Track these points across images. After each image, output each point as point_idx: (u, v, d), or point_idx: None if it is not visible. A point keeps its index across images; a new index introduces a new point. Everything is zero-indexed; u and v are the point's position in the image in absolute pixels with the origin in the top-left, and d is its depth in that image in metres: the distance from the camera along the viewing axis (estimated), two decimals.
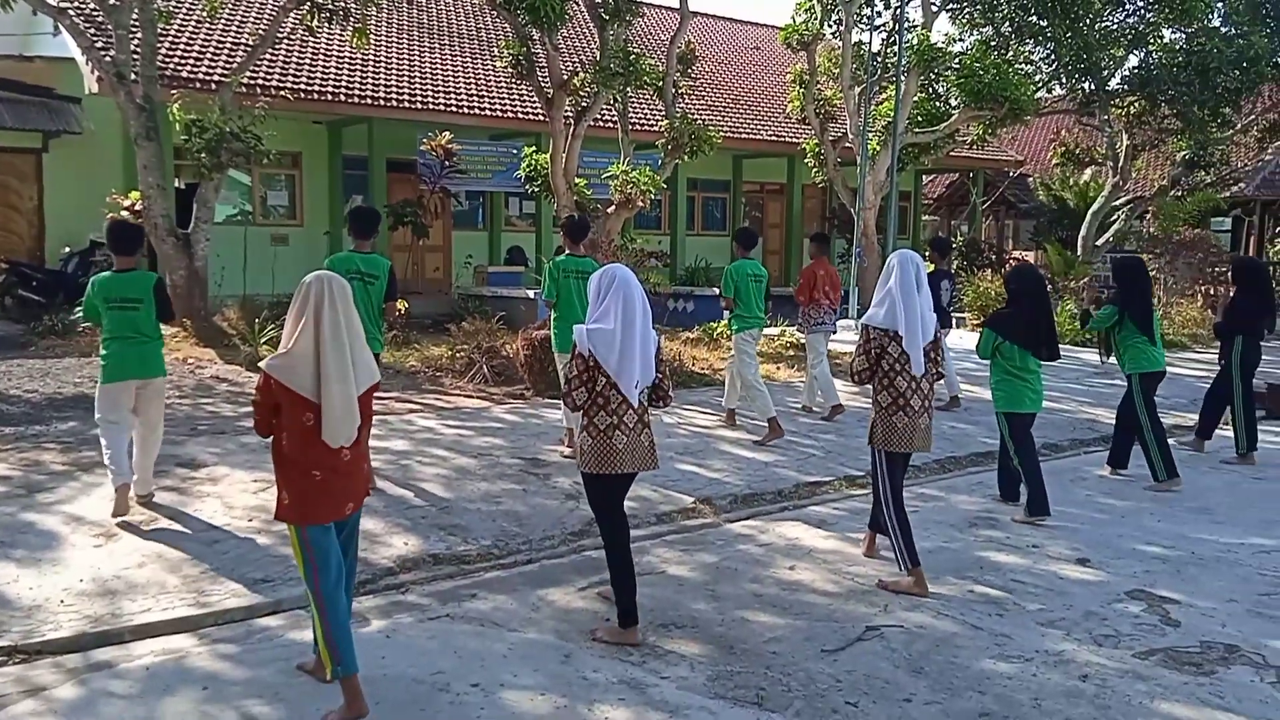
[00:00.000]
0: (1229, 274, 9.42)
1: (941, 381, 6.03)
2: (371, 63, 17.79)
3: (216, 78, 14.78)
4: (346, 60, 17.39)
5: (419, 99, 17.40)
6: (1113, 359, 8.03)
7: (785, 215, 24.41)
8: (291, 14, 13.61)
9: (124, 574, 5.10)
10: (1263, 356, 8.76)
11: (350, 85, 16.82)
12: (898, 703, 3.98)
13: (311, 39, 15.74)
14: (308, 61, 16.96)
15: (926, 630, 4.70)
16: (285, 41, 15.71)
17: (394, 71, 17.98)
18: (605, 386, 4.40)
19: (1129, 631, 4.71)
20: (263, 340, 11.42)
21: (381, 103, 16.82)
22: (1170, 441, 7.84)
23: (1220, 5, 20.80)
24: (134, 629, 4.52)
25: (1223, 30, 19.59)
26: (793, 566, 5.61)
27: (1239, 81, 18.95)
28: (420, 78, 18.17)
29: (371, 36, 15.41)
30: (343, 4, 13.45)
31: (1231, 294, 8.89)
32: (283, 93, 14.56)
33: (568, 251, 8.24)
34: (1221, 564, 5.75)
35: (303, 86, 16.02)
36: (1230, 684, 4.18)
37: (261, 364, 3.79)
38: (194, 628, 4.58)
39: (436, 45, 19.82)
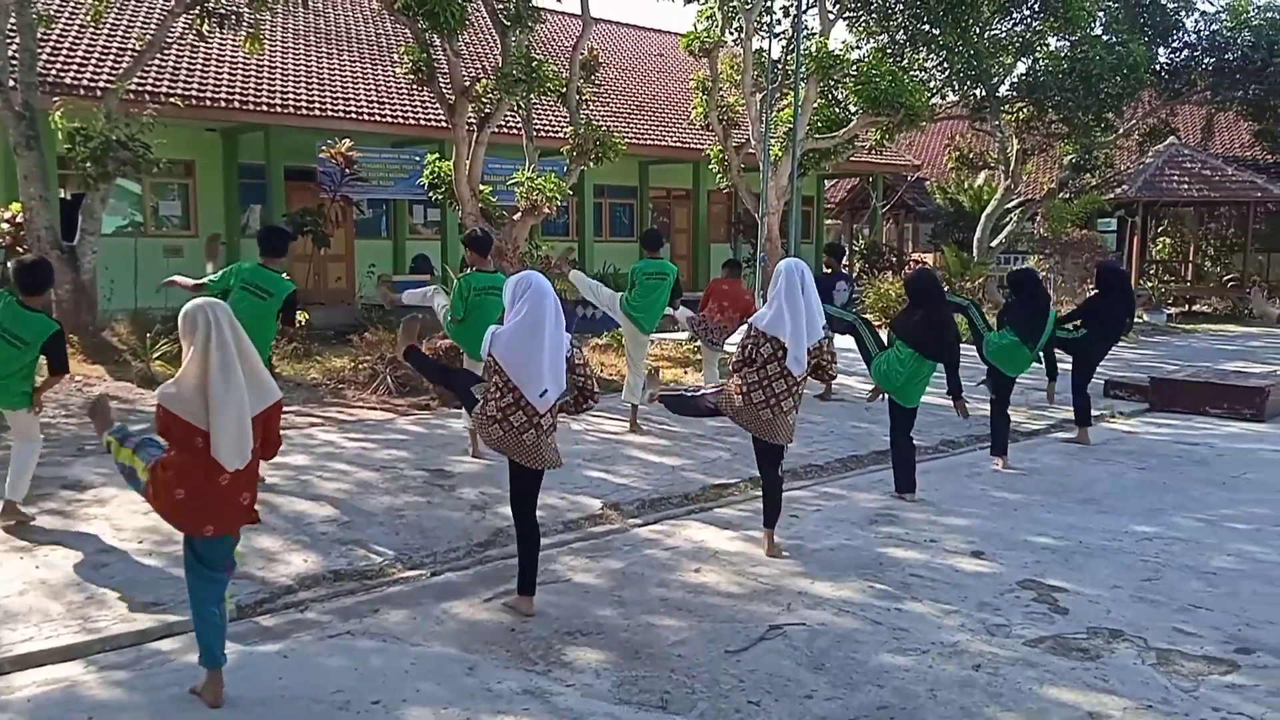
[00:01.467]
0: (1094, 277, 9.99)
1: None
2: (267, 68, 17.38)
3: (102, 84, 14.25)
4: (240, 66, 16.95)
5: (317, 105, 17.06)
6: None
7: (692, 220, 24.62)
8: (181, 18, 13.21)
9: (3, 603, 4.87)
10: (1140, 351, 9.22)
11: (245, 91, 16.40)
12: (799, 700, 4.04)
13: (203, 44, 15.29)
14: (199, 67, 16.48)
15: (827, 627, 4.79)
16: (175, 46, 15.24)
17: (290, 77, 17.59)
18: (517, 390, 4.59)
19: (1020, 620, 4.88)
20: (155, 355, 11.04)
21: (278, 109, 16.43)
22: (1056, 436, 8.21)
23: (1101, 15, 21.74)
24: (14, 659, 4.32)
25: (1104, 39, 20.45)
26: (698, 569, 5.65)
27: (1120, 87, 19.80)
28: (318, 84, 17.81)
29: (266, 42, 15.04)
30: (235, 8, 13.12)
31: (1092, 294, 9.47)
32: (173, 99, 14.11)
33: (475, 267, 8.18)
34: (1107, 552, 5.99)
35: (194, 93, 15.55)
36: (1114, 667, 4.35)
37: (154, 394, 3.85)
38: (80, 655, 4.40)
39: (335, 51, 19.46)
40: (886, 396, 7.25)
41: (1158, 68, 23.99)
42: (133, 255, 14.34)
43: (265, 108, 16.31)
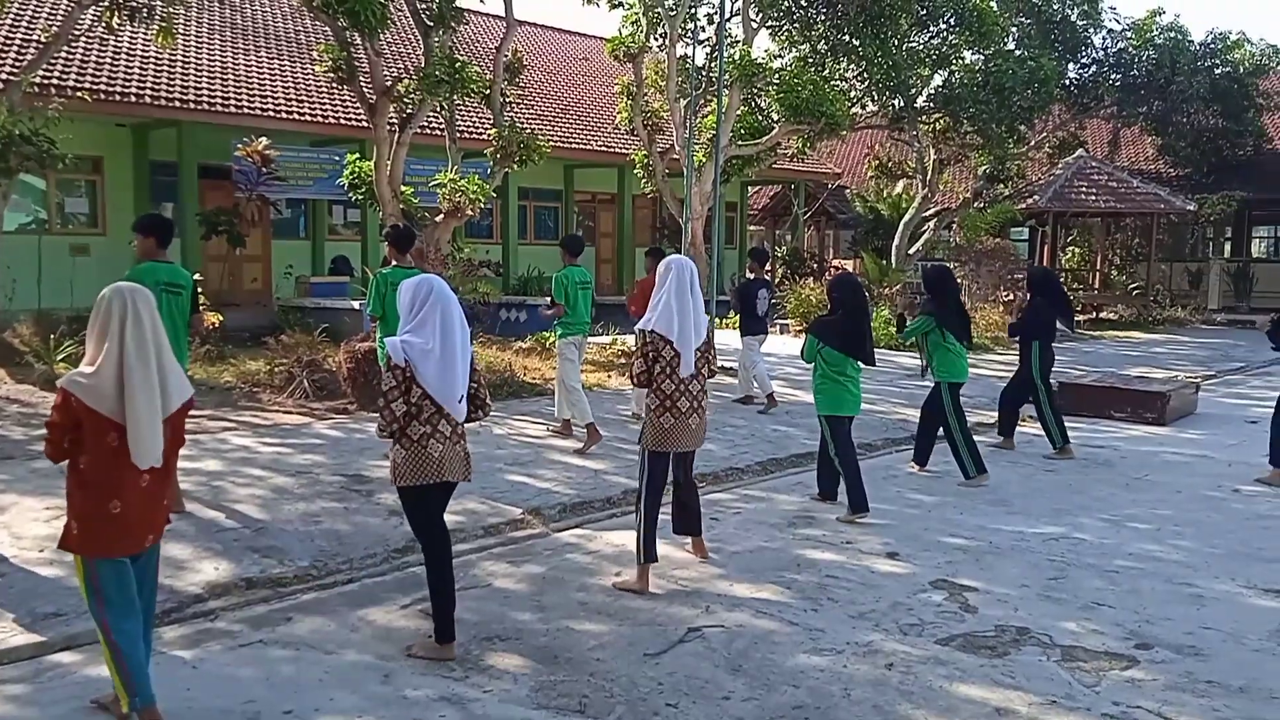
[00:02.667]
0: (1025, 283, 10.09)
1: (712, 380, 6.26)
2: (181, 64, 16.91)
3: (4, 76, 13.73)
4: (153, 60, 16.47)
5: (232, 102, 16.67)
6: (925, 365, 8.46)
7: (617, 225, 24.66)
8: (89, 10, 12.79)
9: None
10: (1056, 358, 9.48)
11: (157, 86, 15.94)
12: (716, 701, 4.07)
13: (113, 38, 14.83)
14: (108, 60, 15.97)
15: (745, 629, 4.83)
16: (84, 39, 14.74)
17: (205, 73, 17.15)
18: (420, 397, 4.31)
19: (932, 620, 4.99)
20: (59, 357, 10.67)
21: (191, 105, 16.00)
22: (979, 439, 8.36)
23: (1014, 30, 22.36)
24: None
25: (1016, 53, 21.02)
26: (619, 572, 5.65)
27: (1031, 101, 20.39)
28: (234, 80, 17.40)
29: (180, 37, 14.67)
30: (147, 2, 12.74)
31: (1028, 301, 9.55)
32: (80, 93, 13.65)
33: (394, 263, 8.09)
34: (1015, 552, 6.16)
35: (103, 87, 15.06)
36: (1021, 664, 4.48)
37: (60, 381, 3.56)
38: None
39: (252, 47, 19.03)
40: (822, 416, 7.02)
41: (1067, 83, 24.81)
42: (37, 254, 13.84)
43: (178, 104, 15.88)
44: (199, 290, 6.83)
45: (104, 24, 12.68)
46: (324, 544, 5.93)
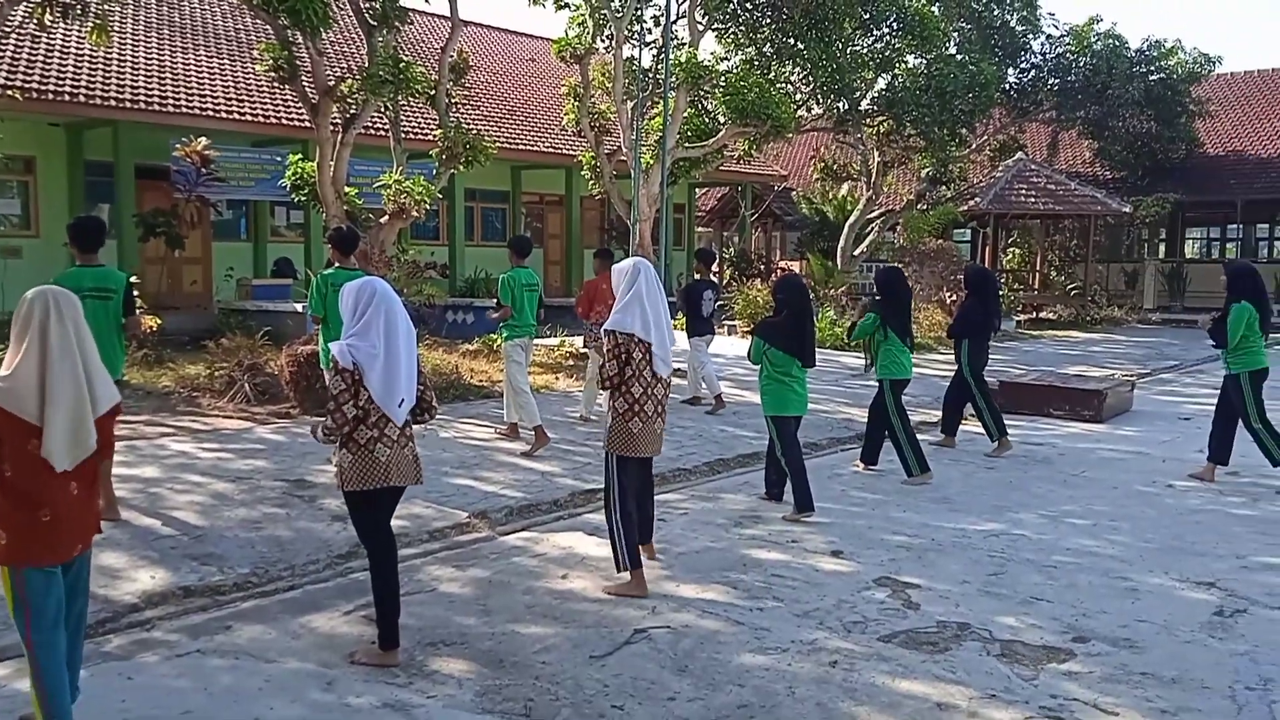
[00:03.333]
0: (963, 282, 10.26)
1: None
2: (116, 62, 16.56)
3: None
4: (87, 58, 16.11)
5: (170, 101, 16.36)
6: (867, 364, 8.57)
7: (565, 226, 24.62)
8: (20, 6, 12.46)
9: None
10: (991, 356, 9.63)
11: (91, 85, 15.59)
12: (662, 702, 4.08)
13: (46, 35, 14.47)
14: (41, 58, 15.59)
15: (691, 629, 4.85)
16: (15, 36, 14.37)
17: (142, 72, 16.81)
18: (367, 400, 4.27)
19: (875, 617, 5.04)
20: None
21: (128, 104, 15.68)
22: (921, 438, 8.47)
23: (955, 35, 22.75)
24: None
25: (958, 58, 21.40)
26: (565, 575, 5.64)
27: (972, 104, 20.78)
28: (173, 79, 17.07)
29: (116, 34, 14.36)
30: None
31: (963, 300, 9.68)
32: (10, 92, 13.30)
33: (337, 264, 8.00)
34: (957, 549, 6.25)
35: (35, 85, 14.70)
36: (961, 659, 4.55)
37: None
38: None
39: (191, 45, 18.69)
40: (769, 416, 7.06)
41: (1007, 87, 25.28)
42: None
43: (114, 102, 15.54)
44: (134, 293, 6.67)
45: (35, 21, 12.36)
46: (265, 550, 5.84)
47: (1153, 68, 26.69)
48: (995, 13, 23.95)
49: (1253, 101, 31.43)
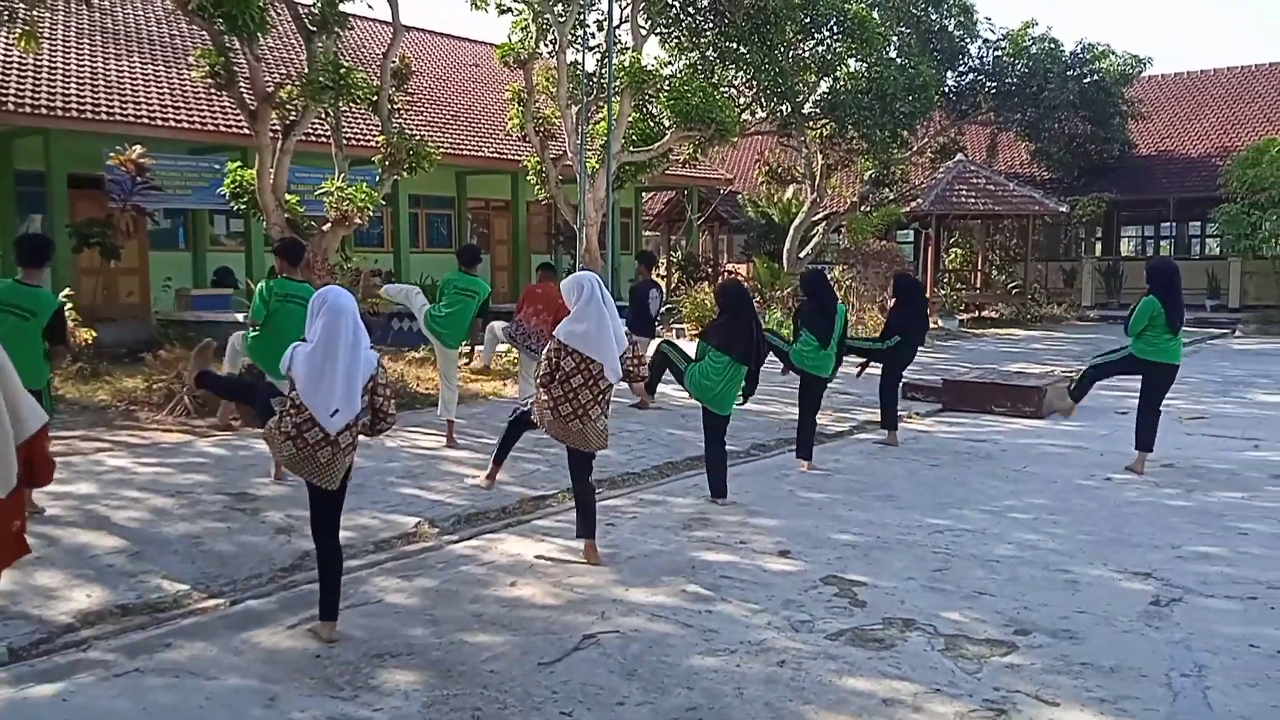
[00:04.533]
0: (892, 289, 10.54)
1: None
2: (47, 69, 16.15)
3: None
4: (16, 65, 15.69)
5: (104, 109, 15.98)
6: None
7: (512, 232, 24.51)
8: None
9: None
10: (934, 355, 9.80)
11: (21, 92, 15.18)
12: (611, 707, 4.07)
13: None
14: None
15: (640, 633, 4.84)
16: None
17: (74, 78, 16.41)
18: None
19: (822, 615, 5.08)
20: None
21: (59, 113, 15.29)
22: (866, 437, 8.60)
23: (895, 39, 23.04)
24: None
25: (898, 61, 21.67)
26: (514, 582, 5.61)
27: (913, 107, 21.04)
28: (105, 86, 16.70)
29: (45, 41, 14.01)
30: (7, 4, 12.13)
31: (892, 307, 9.94)
32: None
33: (283, 275, 7.90)
34: (902, 545, 6.32)
35: None
36: (907, 655, 4.60)
37: None
38: None
39: (124, 52, 18.30)
40: (702, 406, 7.40)
41: (946, 90, 25.70)
42: None
43: (44, 110, 15.15)
44: (66, 321, 6.58)
45: None
46: (206, 566, 5.73)
47: (1086, 70, 27.29)
48: (933, 17, 24.31)
49: (1182, 102, 32.29)
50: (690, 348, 8.32)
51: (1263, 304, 24.51)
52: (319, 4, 12.12)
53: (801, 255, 22.84)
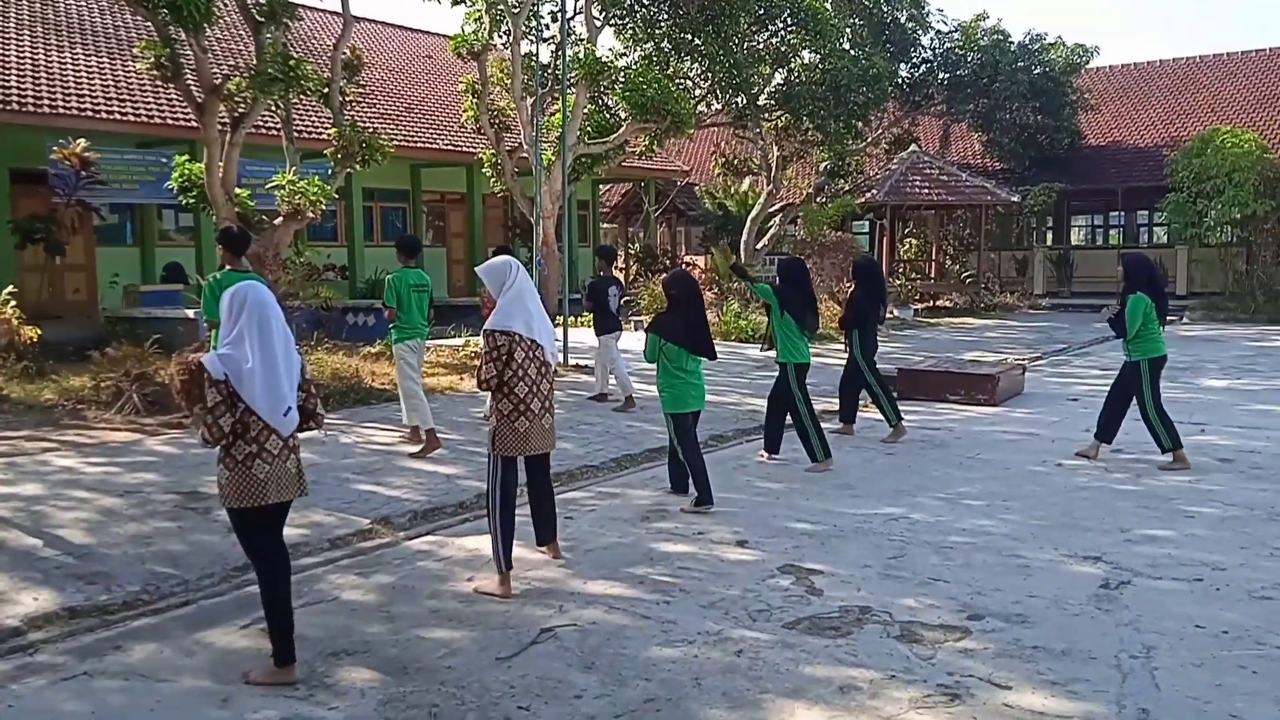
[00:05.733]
0: (851, 273, 10.52)
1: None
2: None
3: None
4: None
5: (46, 102, 15.64)
6: (772, 351, 8.71)
7: (468, 224, 24.35)
8: None
9: None
10: (890, 344, 9.87)
11: None
12: (568, 700, 4.06)
13: None
14: None
15: (598, 625, 4.84)
16: None
17: (15, 71, 16.03)
18: (244, 412, 4.06)
19: (779, 604, 5.11)
20: None
21: (0, 105, 14.92)
22: (824, 426, 8.62)
23: (848, 30, 23.19)
24: None
25: (851, 53, 21.82)
26: (471, 578, 5.58)
27: (867, 98, 21.21)
28: (47, 79, 16.33)
29: None
30: None
31: (851, 291, 9.91)
32: None
33: (229, 266, 7.77)
34: (859, 534, 6.38)
35: None
36: (863, 642, 4.64)
37: None
38: None
39: (67, 44, 17.89)
40: (667, 413, 7.14)
41: (900, 81, 25.92)
42: None
43: None
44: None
45: None
46: (156, 566, 5.64)
47: (1035, 61, 27.66)
48: (886, 9, 24.50)
49: (1130, 93, 32.84)
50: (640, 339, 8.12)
51: (1209, 291, 25.04)
52: None
53: (759, 246, 22.93)
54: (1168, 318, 8.31)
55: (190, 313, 13.91)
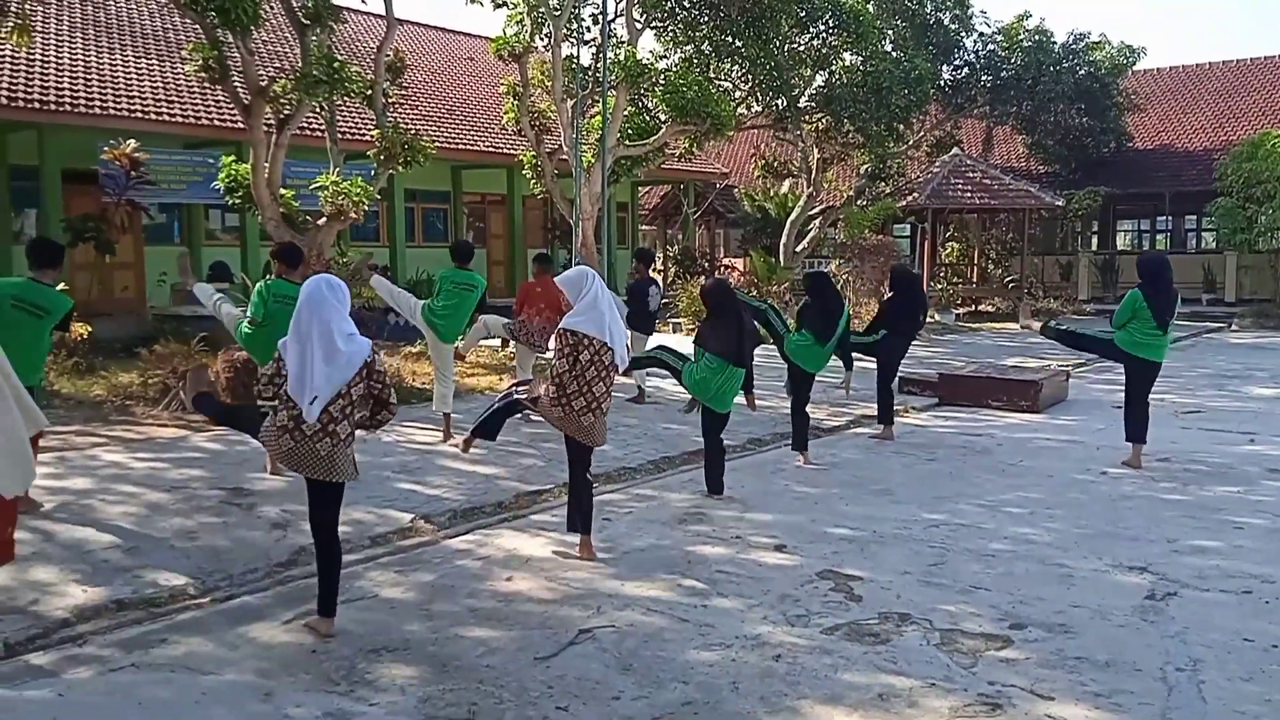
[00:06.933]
0: (889, 280, 10.52)
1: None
2: (40, 63, 16.10)
3: None
4: (9, 60, 15.63)
5: (97, 103, 15.95)
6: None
7: (508, 226, 24.47)
8: None
9: None
10: (930, 349, 9.80)
11: (14, 87, 15.12)
12: (606, 701, 4.07)
13: None
14: None
15: (636, 627, 4.85)
16: None
17: (68, 73, 16.36)
18: (285, 386, 4.61)
19: (818, 610, 5.09)
20: None
21: (53, 107, 15.24)
22: (862, 431, 8.62)
23: (890, 33, 23.02)
24: None
25: (893, 55, 21.65)
26: (510, 577, 5.61)
27: (908, 100, 21.00)
28: (99, 80, 16.64)
29: (39, 35, 13.96)
30: None
31: (889, 297, 9.91)
32: None
33: (282, 276, 7.91)
34: (899, 540, 6.33)
35: None
36: (902, 649, 4.60)
37: None
38: None
39: (118, 46, 18.24)
40: (701, 405, 7.46)
41: (942, 83, 25.64)
42: None
43: (38, 105, 15.11)
44: (72, 314, 6.85)
45: None
46: (202, 561, 5.72)
47: (1079, 61, 27.25)
48: (928, 10, 24.27)
49: (1179, 96, 32.29)
50: (687, 342, 8.36)
51: (1258, 298, 24.54)
52: None
53: (798, 249, 22.82)
54: (1170, 321, 8.27)
55: (237, 311, 14.09)
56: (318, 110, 13.26)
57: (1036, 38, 26.56)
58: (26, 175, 15.80)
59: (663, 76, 17.95)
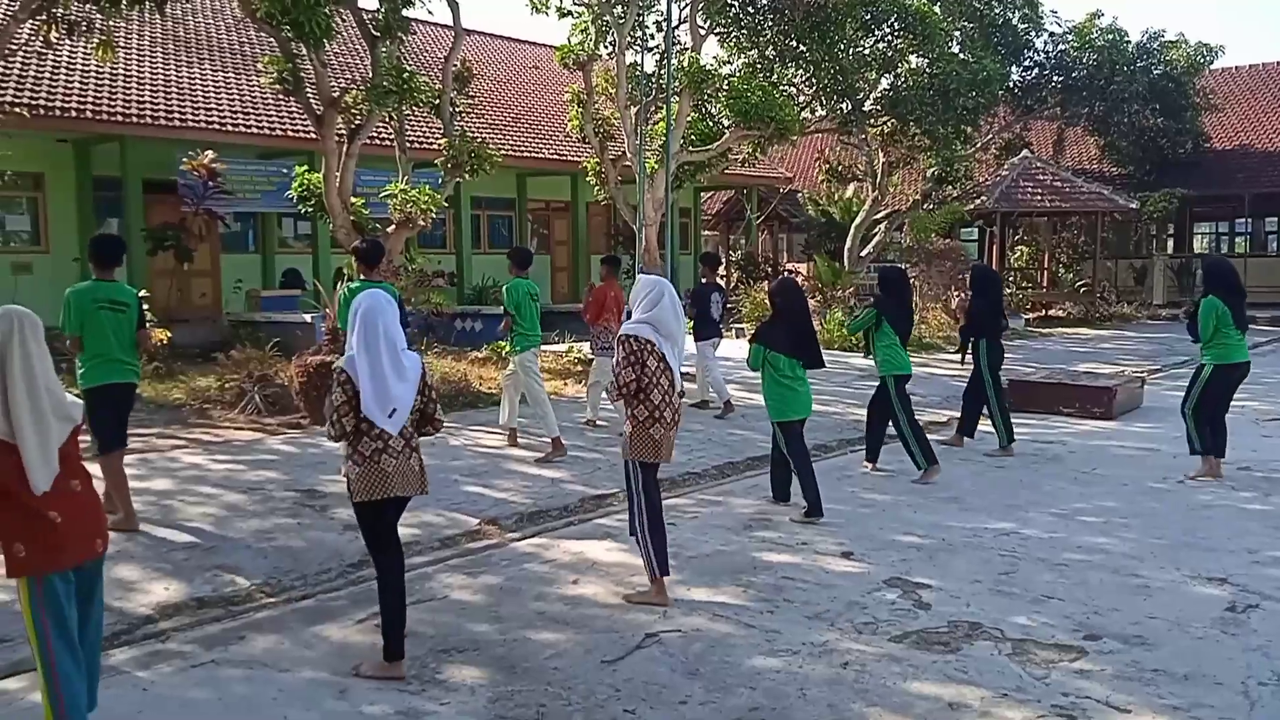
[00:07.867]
0: (968, 282, 10.23)
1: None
2: (122, 77, 16.66)
3: None
4: (94, 74, 16.20)
5: (177, 115, 16.44)
6: (871, 359, 8.63)
7: (571, 232, 24.67)
8: (25, 25, 12.54)
9: None
10: (1005, 355, 9.61)
11: (98, 101, 15.68)
12: (674, 706, 4.09)
13: (52, 52, 14.56)
14: (48, 75, 15.68)
15: (702, 632, 4.86)
16: (21, 54, 14.46)
17: (148, 86, 16.90)
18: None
19: (886, 618, 5.04)
20: None
21: (134, 120, 15.77)
22: (931, 438, 8.46)
23: (958, 34, 22.71)
24: None
25: (960, 57, 21.35)
26: (576, 580, 5.66)
27: (976, 103, 20.70)
28: (178, 93, 17.17)
29: (121, 50, 14.42)
30: (85, 15, 12.52)
31: (970, 301, 9.64)
32: (18, 109, 13.38)
33: (363, 277, 8.02)
34: (968, 548, 6.24)
35: (42, 102, 14.79)
36: (973, 659, 4.54)
37: None
38: None
39: (196, 59, 18.79)
40: (774, 422, 7.11)
41: (1011, 85, 25.23)
42: None
43: (120, 118, 15.64)
44: (144, 307, 6.79)
45: (42, 38, 12.45)
46: (277, 561, 5.87)
47: (1154, 61, 26.61)
48: (997, 11, 23.88)
49: (1259, 95, 31.34)
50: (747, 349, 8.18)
51: None
52: (382, 10, 12.32)
53: (863, 254, 22.60)
54: (1246, 324, 8.01)
55: (307, 317, 14.42)
56: (387, 120, 13.53)
57: (1110, 37, 25.99)
58: (110, 186, 16.35)
59: (726, 82, 17.95)
